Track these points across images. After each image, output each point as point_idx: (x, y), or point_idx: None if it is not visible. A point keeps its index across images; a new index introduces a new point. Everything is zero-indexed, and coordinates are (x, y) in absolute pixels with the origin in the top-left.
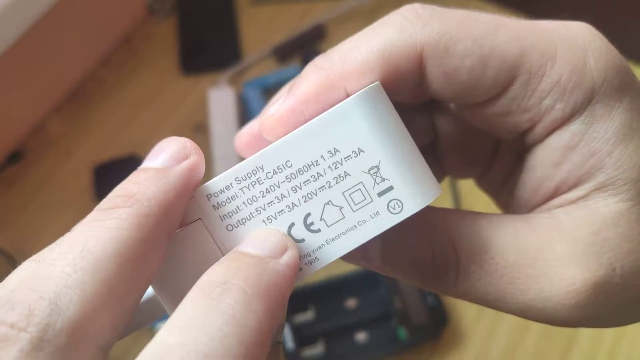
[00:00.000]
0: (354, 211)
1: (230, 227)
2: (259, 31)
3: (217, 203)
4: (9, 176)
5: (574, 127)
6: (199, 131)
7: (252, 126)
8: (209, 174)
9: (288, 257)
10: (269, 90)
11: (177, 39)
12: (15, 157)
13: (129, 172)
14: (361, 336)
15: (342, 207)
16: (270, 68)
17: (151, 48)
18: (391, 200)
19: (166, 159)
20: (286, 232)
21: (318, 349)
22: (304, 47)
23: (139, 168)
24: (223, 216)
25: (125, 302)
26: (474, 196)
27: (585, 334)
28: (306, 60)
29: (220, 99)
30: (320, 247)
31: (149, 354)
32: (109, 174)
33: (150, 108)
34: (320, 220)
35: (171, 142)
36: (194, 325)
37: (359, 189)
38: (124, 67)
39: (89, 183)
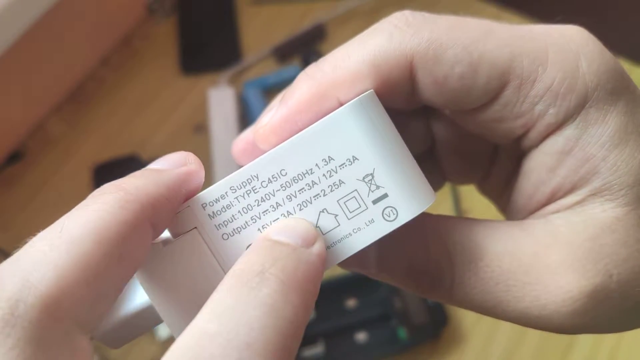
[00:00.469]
0: (349, 219)
1: (225, 236)
2: (259, 31)
3: (213, 212)
4: (9, 176)
5: (568, 132)
6: (199, 131)
7: (247, 134)
8: (208, 174)
9: (319, 247)
10: (269, 90)
11: (177, 39)
12: (15, 157)
13: (129, 172)
14: (361, 336)
15: (337, 215)
16: (270, 68)
17: (151, 48)
18: (386, 208)
19: (165, 164)
20: None
21: (318, 349)
22: (304, 47)
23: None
24: (218, 225)
25: (103, 280)
26: (473, 200)
27: (586, 335)
28: (306, 60)
29: (220, 99)
30: None
31: (189, 340)
32: (109, 174)
33: (150, 108)
34: (316, 228)
35: (174, 153)
36: (234, 315)
37: (354, 196)
38: (124, 67)
39: (89, 183)
